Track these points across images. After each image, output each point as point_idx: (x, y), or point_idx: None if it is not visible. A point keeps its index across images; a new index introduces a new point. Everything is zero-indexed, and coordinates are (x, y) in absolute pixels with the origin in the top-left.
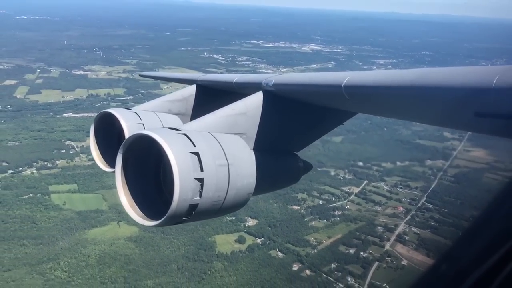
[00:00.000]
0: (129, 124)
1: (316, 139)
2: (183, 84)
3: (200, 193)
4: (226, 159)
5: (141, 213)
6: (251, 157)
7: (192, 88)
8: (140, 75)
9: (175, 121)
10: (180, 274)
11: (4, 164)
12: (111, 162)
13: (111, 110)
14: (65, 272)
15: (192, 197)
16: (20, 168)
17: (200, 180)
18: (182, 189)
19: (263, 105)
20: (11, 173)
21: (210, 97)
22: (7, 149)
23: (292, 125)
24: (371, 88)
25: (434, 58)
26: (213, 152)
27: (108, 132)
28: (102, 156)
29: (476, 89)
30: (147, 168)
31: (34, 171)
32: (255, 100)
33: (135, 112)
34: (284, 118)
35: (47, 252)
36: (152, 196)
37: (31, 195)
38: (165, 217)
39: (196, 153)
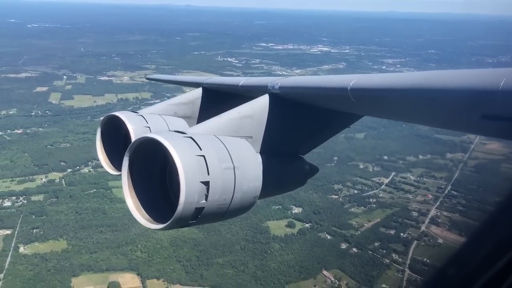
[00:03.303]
0: (136, 127)
1: (322, 142)
2: (190, 87)
3: (206, 196)
4: (232, 162)
5: (147, 216)
6: (257, 160)
7: (198, 91)
8: (147, 78)
9: (181, 124)
10: (244, 253)
11: (63, 163)
12: (117, 165)
13: (118, 113)
14: (144, 253)
15: (198, 200)
16: (78, 167)
17: (206, 183)
18: (188, 192)
19: (269, 108)
20: (71, 171)
21: (216, 100)
22: (61, 150)
23: (298, 128)
24: (378, 91)
25: (440, 56)
26: (219, 155)
27: (115, 135)
28: (108, 159)
29: (483, 92)
30: (153, 171)
31: (91, 169)
32: (261, 103)
33: (142, 115)
34: (290, 121)
35: (124, 237)
36: (158, 199)
37: (94, 190)
38: (171, 220)
39: (202, 156)
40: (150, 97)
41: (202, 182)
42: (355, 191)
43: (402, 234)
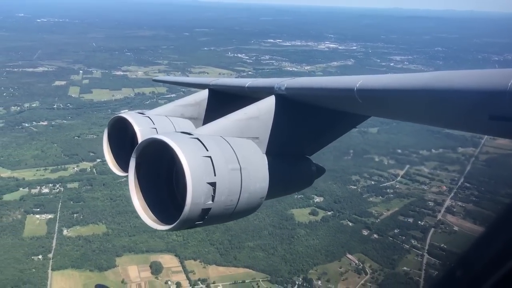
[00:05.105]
0: (142, 128)
1: (329, 142)
2: (196, 88)
3: (213, 197)
4: (239, 163)
5: (154, 217)
6: (264, 161)
7: (205, 93)
8: (154, 80)
9: (188, 126)
10: (272, 238)
11: (92, 154)
12: (124, 167)
13: (125, 115)
14: (180, 236)
15: (205, 201)
16: None
17: (213, 184)
18: (195, 193)
19: (276, 109)
20: (100, 161)
21: (222, 102)
22: (88, 141)
23: (305, 129)
24: (384, 91)
25: (447, 54)
26: (225, 156)
27: (122, 137)
28: (115, 160)
29: (491, 92)
30: (160, 172)
31: None
32: (268, 104)
33: (148, 117)
34: (297, 122)
35: None
36: (165, 201)
37: (125, 179)
38: (177, 221)
39: (209, 157)
40: (166, 91)
41: (209, 183)
42: (372, 182)
43: (419, 222)
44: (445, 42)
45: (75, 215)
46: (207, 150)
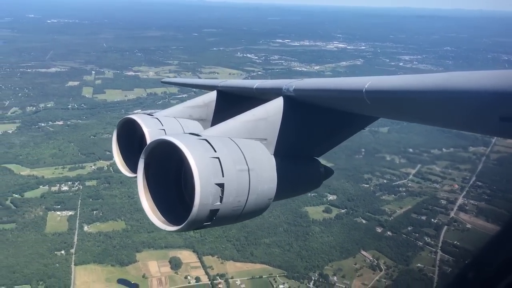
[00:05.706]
0: (151, 129)
1: (337, 144)
2: (204, 90)
3: (221, 198)
4: (247, 164)
5: (163, 218)
6: (272, 162)
7: (213, 94)
8: (162, 82)
9: (196, 127)
10: (287, 235)
11: (108, 152)
12: (133, 168)
13: (133, 116)
14: (197, 233)
15: (213, 202)
16: None
17: (221, 185)
18: (203, 194)
19: (284, 111)
20: None
21: (230, 103)
22: (103, 141)
23: (313, 130)
24: (393, 92)
25: (456, 53)
26: (233, 158)
27: (131, 138)
28: (124, 161)
29: (501, 93)
30: (168, 173)
31: None
32: (276, 106)
33: (157, 118)
34: (305, 123)
35: None
36: (173, 202)
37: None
38: (186, 222)
39: (217, 158)
40: (178, 91)
41: (217, 184)
42: (384, 181)
43: (432, 219)
44: (454, 42)
45: (94, 212)
46: (215, 151)
